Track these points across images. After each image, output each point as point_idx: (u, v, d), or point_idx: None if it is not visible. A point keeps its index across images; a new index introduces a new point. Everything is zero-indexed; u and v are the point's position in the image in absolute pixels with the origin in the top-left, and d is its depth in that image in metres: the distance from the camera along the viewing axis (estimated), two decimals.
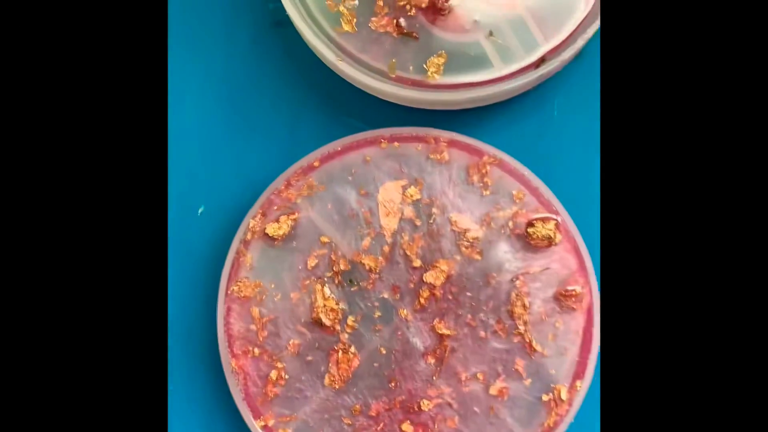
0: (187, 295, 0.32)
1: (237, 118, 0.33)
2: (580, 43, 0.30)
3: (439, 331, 0.30)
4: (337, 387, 0.30)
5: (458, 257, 0.30)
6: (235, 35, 0.33)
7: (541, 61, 0.30)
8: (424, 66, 0.30)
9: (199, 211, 0.32)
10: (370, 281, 0.30)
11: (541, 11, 0.30)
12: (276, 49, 0.33)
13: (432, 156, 0.30)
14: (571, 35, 0.30)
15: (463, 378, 0.30)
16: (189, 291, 0.32)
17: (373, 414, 0.30)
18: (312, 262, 0.30)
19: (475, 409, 0.30)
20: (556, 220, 0.30)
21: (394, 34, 0.30)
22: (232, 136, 0.33)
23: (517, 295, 0.29)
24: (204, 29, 0.33)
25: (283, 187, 0.31)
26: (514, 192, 0.30)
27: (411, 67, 0.30)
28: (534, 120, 0.32)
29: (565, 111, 0.32)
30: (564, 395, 0.29)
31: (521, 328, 0.29)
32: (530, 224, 0.30)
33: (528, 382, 0.29)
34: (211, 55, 0.33)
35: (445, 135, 0.30)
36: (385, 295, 0.30)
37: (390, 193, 0.30)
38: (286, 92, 0.33)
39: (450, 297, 0.30)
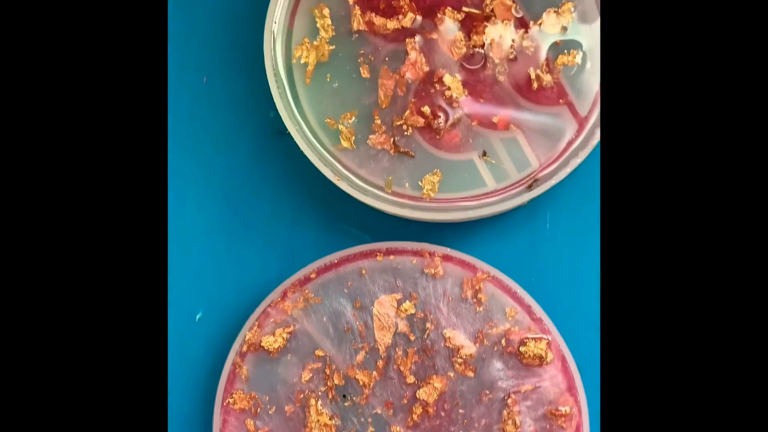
0: (184, 403, 0.32)
1: (236, 225, 0.33)
2: (572, 166, 0.30)
3: None
4: None
5: (451, 374, 0.30)
6: (237, 142, 0.34)
7: (534, 181, 0.31)
8: (420, 183, 0.31)
9: (197, 317, 0.33)
10: (364, 396, 0.30)
11: (533, 133, 0.31)
12: (276, 158, 0.34)
13: (427, 270, 0.31)
14: (563, 157, 0.31)
15: None
16: (186, 399, 0.32)
17: None
18: (306, 376, 0.31)
19: None
20: (547, 339, 0.30)
21: (391, 152, 0.31)
22: (231, 243, 0.33)
23: (508, 413, 0.30)
24: (205, 136, 0.34)
25: (279, 299, 0.31)
26: (507, 309, 0.31)
27: (407, 184, 0.31)
28: (526, 234, 0.33)
29: (557, 225, 0.33)
30: None
31: None
32: (522, 343, 0.30)
33: None
34: (212, 162, 0.34)
35: (440, 250, 0.31)
36: (378, 411, 0.30)
37: (385, 307, 0.31)
38: (285, 201, 0.33)
39: (443, 414, 0.30)
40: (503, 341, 0.30)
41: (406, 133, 0.31)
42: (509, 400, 0.30)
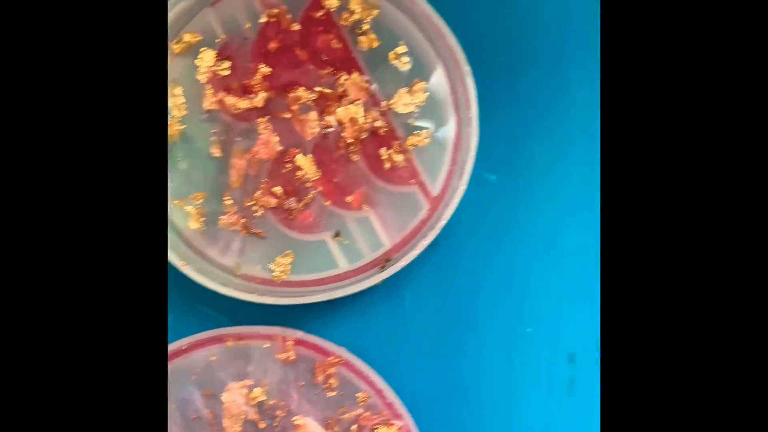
0: None
1: None
2: (421, 247, 0.30)
3: None
4: None
5: None
6: None
7: (386, 261, 0.30)
8: (270, 266, 0.30)
9: None
10: None
11: (386, 212, 0.31)
12: None
13: (278, 355, 0.30)
14: (416, 237, 0.30)
15: None
16: None
17: None
18: None
19: None
20: (398, 425, 0.29)
21: (242, 233, 0.30)
22: None
23: None
24: None
25: None
26: (358, 394, 0.30)
27: (259, 266, 0.30)
28: (384, 313, 0.32)
29: (415, 304, 0.32)
30: None
31: None
32: (373, 429, 0.29)
33: None
34: None
35: (292, 334, 0.30)
36: None
37: (234, 395, 0.30)
38: None
39: None
40: (354, 427, 0.29)
41: (257, 213, 0.30)
42: None
